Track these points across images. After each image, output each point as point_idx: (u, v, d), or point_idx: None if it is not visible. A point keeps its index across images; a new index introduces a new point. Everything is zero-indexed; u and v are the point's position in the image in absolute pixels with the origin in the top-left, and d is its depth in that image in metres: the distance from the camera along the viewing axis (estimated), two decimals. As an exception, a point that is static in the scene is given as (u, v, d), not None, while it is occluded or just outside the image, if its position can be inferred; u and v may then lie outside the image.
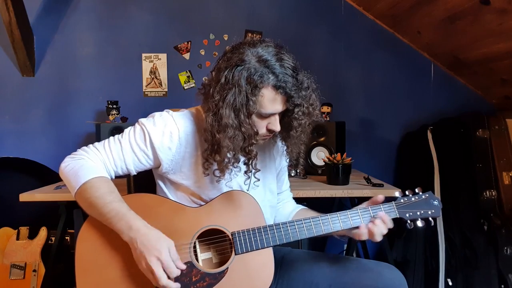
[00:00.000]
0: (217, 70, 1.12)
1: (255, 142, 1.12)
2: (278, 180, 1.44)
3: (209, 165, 1.16)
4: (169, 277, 1.05)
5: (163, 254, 1.04)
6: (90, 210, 1.11)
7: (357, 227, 1.19)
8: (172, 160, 1.19)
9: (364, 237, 1.17)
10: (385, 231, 1.17)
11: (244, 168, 1.19)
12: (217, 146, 1.10)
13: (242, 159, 1.17)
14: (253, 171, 1.21)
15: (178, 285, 1.07)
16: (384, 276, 1.23)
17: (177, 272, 1.07)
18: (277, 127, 1.14)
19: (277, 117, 1.14)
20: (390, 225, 1.18)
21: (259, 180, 1.27)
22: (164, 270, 1.04)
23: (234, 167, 1.15)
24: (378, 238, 1.17)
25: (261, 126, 1.14)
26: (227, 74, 1.07)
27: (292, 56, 1.12)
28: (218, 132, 1.08)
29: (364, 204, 1.24)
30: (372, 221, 1.18)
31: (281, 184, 1.46)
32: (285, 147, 1.26)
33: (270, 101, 1.09)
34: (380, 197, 1.21)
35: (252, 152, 1.13)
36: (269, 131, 1.15)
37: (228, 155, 1.11)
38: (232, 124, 1.07)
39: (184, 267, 1.10)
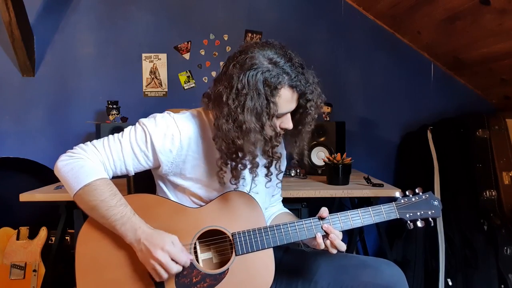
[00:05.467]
0: (229, 76, 1.10)
1: (277, 144, 1.13)
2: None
3: (223, 173, 1.15)
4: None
5: (167, 245, 1.06)
6: (91, 212, 1.11)
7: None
8: (172, 163, 1.18)
9: (322, 246, 1.16)
10: (336, 243, 1.16)
11: (264, 171, 1.20)
12: (238, 153, 1.11)
13: (262, 163, 1.17)
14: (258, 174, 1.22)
15: (190, 257, 1.10)
16: (383, 273, 1.23)
17: (185, 260, 1.08)
18: (290, 125, 1.16)
19: (289, 116, 1.15)
20: (338, 235, 1.17)
21: (281, 181, 1.31)
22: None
23: (254, 173, 1.15)
24: (332, 250, 1.16)
25: (275, 127, 1.15)
26: (242, 79, 1.06)
27: (296, 54, 1.14)
28: (239, 138, 1.07)
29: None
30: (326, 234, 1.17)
31: (274, 188, 1.45)
32: (284, 151, 1.26)
33: (287, 101, 1.11)
34: (325, 212, 1.20)
35: (276, 154, 1.14)
36: (282, 129, 1.16)
37: (246, 161, 1.12)
38: (255, 128, 1.07)
39: (191, 256, 1.12)
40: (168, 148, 1.16)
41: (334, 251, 1.16)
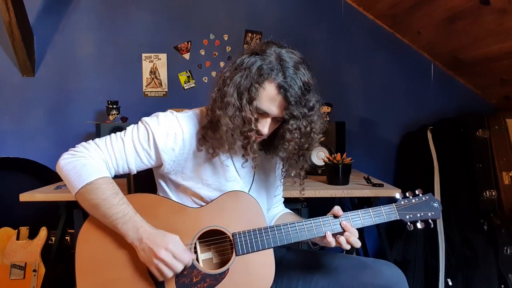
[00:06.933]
0: (239, 54, 1.15)
1: (254, 128, 1.10)
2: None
3: (204, 142, 1.17)
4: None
5: (170, 244, 1.06)
6: (92, 211, 1.11)
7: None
8: (174, 161, 1.18)
9: (332, 244, 1.17)
10: (352, 240, 1.16)
11: (241, 151, 1.17)
12: (216, 123, 1.11)
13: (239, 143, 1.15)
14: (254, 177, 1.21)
15: (193, 256, 1.10)
16: (383, 273, 1.23)
17: (188, 259, 1.08)
18: (265, 130, 1.12)
19: (268, 121, 1.12)
20: (354, 232, 1.18)
21: (257, 164, 1.24)
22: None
23: (230, 147, 1.14)
24: (346, 246, 1.16)
25: (254, 112, 1.10)
26: (244, 58, 1.11)
27: (311, 75, 1.11)
28: (219, 108, 1.09)
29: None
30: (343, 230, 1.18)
31: (275, 189, 1.45)
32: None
33: (269, 99, 1.08)
34: (341, 211, 1.20)
35: (251, 137, 1.11)
36: (257, 132, 1.12)
37: (224, 136, 1.11)
38: (234, 104, 1.08)
39: (194, 256, 1.12)
40: (171, 147, 1.16)
41: (348, 247, 1.17)
